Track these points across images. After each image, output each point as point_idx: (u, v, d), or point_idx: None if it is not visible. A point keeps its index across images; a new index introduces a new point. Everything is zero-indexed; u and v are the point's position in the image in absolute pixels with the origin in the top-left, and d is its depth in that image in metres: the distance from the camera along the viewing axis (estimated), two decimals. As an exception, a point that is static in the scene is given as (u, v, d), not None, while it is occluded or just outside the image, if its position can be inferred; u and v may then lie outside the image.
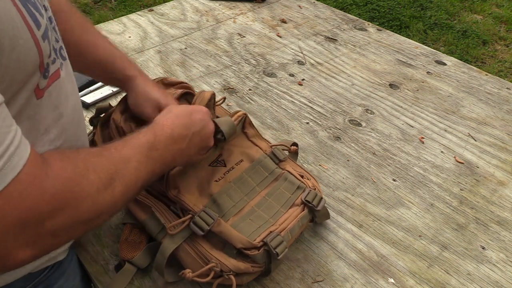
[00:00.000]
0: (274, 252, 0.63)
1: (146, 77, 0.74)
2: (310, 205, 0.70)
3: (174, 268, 0.65)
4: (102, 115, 0.79)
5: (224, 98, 0.83)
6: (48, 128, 0.51)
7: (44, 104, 0.50)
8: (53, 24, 0.53)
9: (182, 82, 0.79)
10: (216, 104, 0.82)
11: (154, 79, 0.79)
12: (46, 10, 0.49)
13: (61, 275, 0.64)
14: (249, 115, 0.80)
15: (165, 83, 0.79)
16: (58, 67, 0.52)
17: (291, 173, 0.74)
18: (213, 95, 0.72)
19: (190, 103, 0.77)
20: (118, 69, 0.72)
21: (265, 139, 0.79)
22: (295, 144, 0.81)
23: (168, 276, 0.65)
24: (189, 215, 0.63)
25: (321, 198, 0.72)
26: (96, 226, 0.52)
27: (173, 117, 0.60)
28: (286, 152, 0.80)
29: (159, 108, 0.68)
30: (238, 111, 0.74)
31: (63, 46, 0.57)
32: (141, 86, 0.72)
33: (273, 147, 0.77)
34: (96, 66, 0.71)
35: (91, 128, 0.82)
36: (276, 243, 0.63)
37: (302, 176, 0.75)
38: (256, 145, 0.76)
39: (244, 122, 0.76)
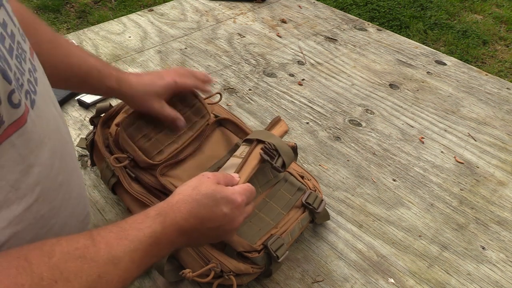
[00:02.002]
0: (275, 255, 0.63)
1: (130, 74, 0.68)
2: (311, 207, 0.70)
3: (174, 268, 0.65)
4: (102, 115, 0.79)
5: (220, 95, 0.82)
6: (15, 184, 0.41)
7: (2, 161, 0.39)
8: (16, 50, 0.41)
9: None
10: (212, 102, 0.82)
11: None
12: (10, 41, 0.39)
13: None
14: (240, 116, 0.80)
15: None
16: (23, 111, 0.40)
17: (292, 174, 0.74)
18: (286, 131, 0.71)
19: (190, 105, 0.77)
20: (104, 76, 0.65)
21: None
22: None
23: (168, 275, 0.65)
24: None
25: (322, 200, 0.72)
26: None
27: (193, 203, 0.50)
28: None
29: (162, 97, 0.66)
30: (277, 121, 0.71)
31: (34, 74, 0.45)
32: (134, 85, 0.67)
33: None
34: (74, 83, 0.65)
35: (92, 127, 0.82)
36: (277, 246, 0.64)
37: (302, 177, 0.75)
38: None
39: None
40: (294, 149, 0.81)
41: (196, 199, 0.50)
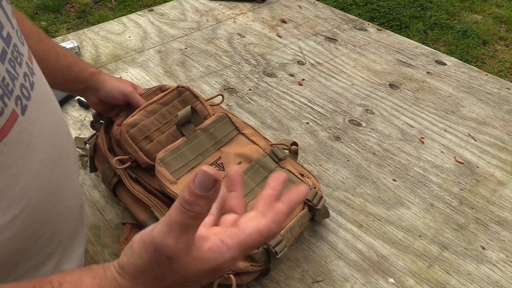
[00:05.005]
0: (273, 251, 0.63)
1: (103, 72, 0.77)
2: (310, 203, 0.70)
3: None
4: (102, 121, 0.79)
5: (222, 96, 0.82)
6: (0, 196, 0.38)
7: None
8: (10, 53, 0.39)
9: (178, 86, 0.78)
10: (213, 104, 0.82)
11: (152, 88, 0.80)
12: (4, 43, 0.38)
13: None
14: (233, 113, 0.80)
15: (163, 90, 0.79)
16: (7, 119, 0.37)
17: (291, 172, 0.74)
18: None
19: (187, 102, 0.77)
20: (83, 69, 0.71)
21: (265, 138, 0.79)
22: (295, 143, 0.81)
23: None
24: None
25: (321, 197, 0.72)
26: None
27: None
28: (287, 152, 0.80)
29: (126, 95, 0.74)
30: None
31: (30, 78, 0.43)
32: (108, 77, 0.74)
33: (273, 146, 0.77)
34: (59, 71, 0.69)
35: (94, 131, 0.82)
36: (276, 242, 0.64)
37: (302, 175, 0.75)
38: (256, 144, 0.76)
39: (234, 123, 0.77)
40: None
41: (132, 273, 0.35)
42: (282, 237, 0.65)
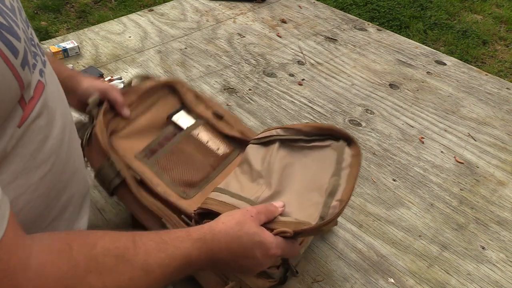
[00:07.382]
0: (295, 270, 0.62)
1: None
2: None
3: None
4: (101, 107, 0.73)
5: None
6: (34, 153, 0.44)
7: (28, 131, 0.43)
8: (29, 32, 0.47)
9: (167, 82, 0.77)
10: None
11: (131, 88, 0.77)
12: (24, 25, 0.44)
13: None
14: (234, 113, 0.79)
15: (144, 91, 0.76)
16: (35, 86, 0.45)
17: None
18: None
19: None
20: (59, 71, 0.68)
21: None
22: None
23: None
24: None
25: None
26: None
27: (233, 238, 0.50)
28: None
29: (103, 91, 0.71)
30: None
31: (42, 58, 0.50)
32: (84, 78, 0.73)
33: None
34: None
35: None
36: (296, 262, 0.64)
37: None
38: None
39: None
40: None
41: (238, 235, 0.50)
42: (300, 255, 0.65)
